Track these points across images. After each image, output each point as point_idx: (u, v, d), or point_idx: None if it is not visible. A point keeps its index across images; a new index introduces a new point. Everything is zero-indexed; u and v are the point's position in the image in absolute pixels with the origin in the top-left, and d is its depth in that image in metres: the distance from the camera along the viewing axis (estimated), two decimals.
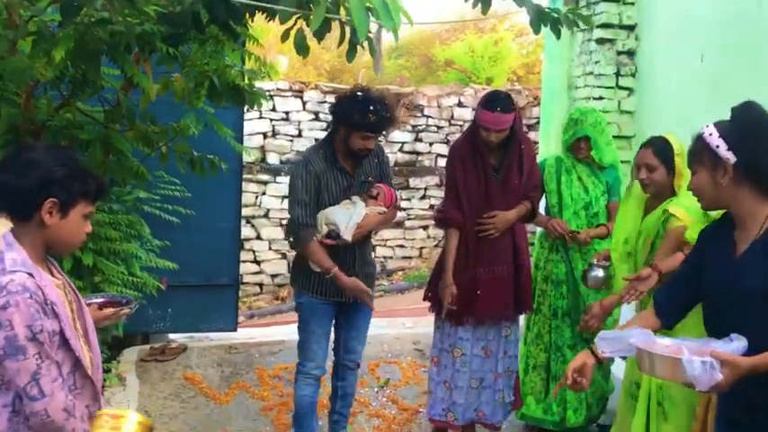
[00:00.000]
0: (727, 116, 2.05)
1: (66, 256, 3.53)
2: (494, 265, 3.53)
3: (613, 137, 5.35)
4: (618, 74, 5.43)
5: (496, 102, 3.36)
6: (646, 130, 5.34)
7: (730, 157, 1.96)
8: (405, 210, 9.41)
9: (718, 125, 2.01)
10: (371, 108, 3.28)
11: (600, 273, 3.44)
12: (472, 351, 3.61)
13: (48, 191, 1.85)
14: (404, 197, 9.42)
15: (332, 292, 3.46)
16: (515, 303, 3.66)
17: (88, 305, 2.12)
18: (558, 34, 3.19)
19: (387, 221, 3.65)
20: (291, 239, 3.51)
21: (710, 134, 1.99)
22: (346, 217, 3.36)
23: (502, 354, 3.66)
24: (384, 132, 3.48)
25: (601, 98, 5.40)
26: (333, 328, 3.69)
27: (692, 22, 4.83)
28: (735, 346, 1.87)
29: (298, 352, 3.64)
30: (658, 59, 5.25)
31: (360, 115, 3.28)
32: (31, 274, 1.80)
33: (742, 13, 4.39)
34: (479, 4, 3.03)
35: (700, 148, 2.02)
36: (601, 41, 5.40)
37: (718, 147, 1.97)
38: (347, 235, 3.37)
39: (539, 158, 4.31)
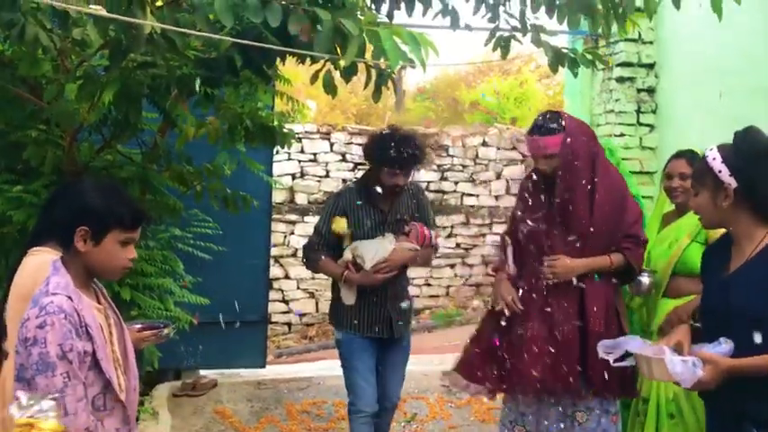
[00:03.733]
0: None
1: (112, 281, 3.63)
2: (550, 321, 2.85)
3: (636, 172, 5.47)
4: (639, 111, 5.56)
5: (536, 124, 2.92)
6: None
7: (732, 182, 2.05)
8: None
9: (721, 149, 2.09)
10: (395, 146, 3.35)
11: (646, 279, 3.28)
12: (538, 428, 2.95)
13: (79, 220, 1.97)
14: None
15: (367, 327, 3.49)
16: (586, 379, 2.83)
17: (128, 329, 2.24)
18: (575, 73, 3.33)
19: (421, 260, 3.62)
20: (304, 260, 3.65)
21: (714, 158, 2.08)
22: (373, 250, 3.42)
23: None
24: (412, 170, 3.50)
25: (622, 135, 5.51)
26: None
27: (711, 60, 4.95)
28: (722, 348, 1.99)
29: (347, 392, 3.59)
30: (678, 96, 5.36)
31: (384, 152, 3.36)
32: (70, 297, 1.92)
33: (758, 54, 4.49)
34: (499, 49, 3.19)
35: (703, 171, 2.11)
36: (621, 80, 5.54)
37: (720, 171, 2.06)
38: (370, 267, 3.42)
39: None
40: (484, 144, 10.08)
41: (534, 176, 3.02)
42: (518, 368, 2.88)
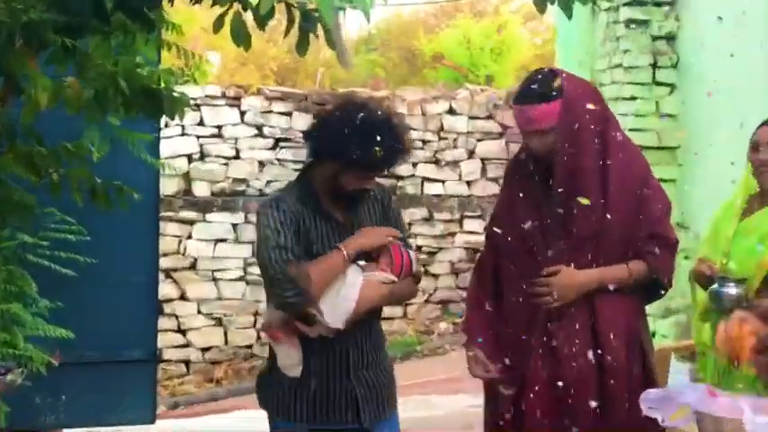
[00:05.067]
0: None
1: None
2: (555, 357, 2.87)
3: (652, 148, 5.59)
4: (655, 65, 5.66)
5: (523, 89, 2.93)
6: (695, 139, 5.57)
7: None
8: None
9: None
10: (380, 139, 2.97)
11: (732, 291, 3.18)
12: None
13: None
14: None
15: (319, 412, 3.09)
16: (604, 420, 2.86)
17: None
18: (569, 13, 3.35)
19: (397, 298, 3.33)
20: (284, 299, 3.02)
21: None
22: (332, 291, 2.99)
23: None
24: (391, 168, 3.18)
25: (633, 98, 5.61)
26: None
27: None
28: None
29: None
30: (707, 45, 5.47)
31: (363, 149, 2.95)
32: None
33: None
34: None
35: None
36: (630, 23, 5.63)
37: None
38: (335, 320, 2.96)
39: None
40: (450, 111, 10.17)
41: (524, 159, 3.02)
42: (519, 419, 2.92)
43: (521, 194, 3.00)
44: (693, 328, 3.82)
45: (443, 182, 10.15)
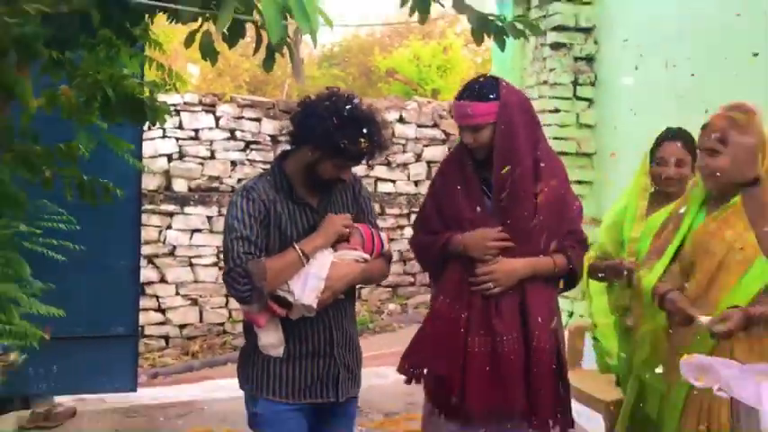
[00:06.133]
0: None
1: None
2: (492, 333, 2.87)
3: (573, 154, 5.67)
4: (576, 83, 5.73)
5: (465, 88, 2.97)
6: (608, 147, 5.65)
7: None
8: None
9: None
10: (366, 132, 2.84)
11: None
12: None
13: None
14: None
15: (302, 389, 2.93)
16: (528, 403, 2.89)
17: None
18: (502, 46, 3.35)
19: (371, 276, 3.12)
20: (235, 290, 2.81)
21: None
22: (302, 272, 2.82)
23: None
24: (371, 161, 3.02)
25: (557, 110, 5.67)
26: None
27: (658, 24, 5.13)
28: None
29: None
30: (620, 66, 5.55)
31: (350, 140, 2.82)
32: None
33: (711, 15, 4.68)
34: (416, 13, 3.20)
35: None
36: (555, 46, 5.69)
37: None
38: (308, 298, 2.79)
39: None
40: (401, 120, 10.20)
41: (458, 154, 3.02)
42: (473, 385, 2.89)
43: (458, 186, 2.98)
44: (592, 316, 3.83)
45: (394, 181, 10.18)
